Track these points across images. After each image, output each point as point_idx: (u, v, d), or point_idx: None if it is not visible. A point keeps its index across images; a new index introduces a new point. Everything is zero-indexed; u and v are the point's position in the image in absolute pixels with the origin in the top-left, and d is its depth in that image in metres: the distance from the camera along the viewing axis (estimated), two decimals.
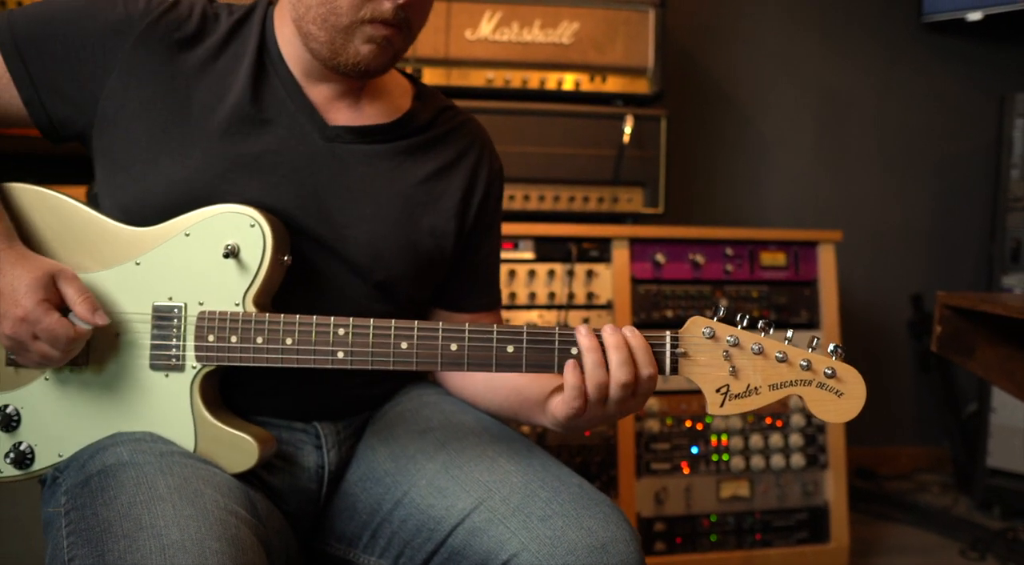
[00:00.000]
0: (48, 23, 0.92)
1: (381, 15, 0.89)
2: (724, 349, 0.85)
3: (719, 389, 0.85)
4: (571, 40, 2.07)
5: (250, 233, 0.89)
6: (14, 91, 0.92)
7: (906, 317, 2.86)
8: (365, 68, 0.92)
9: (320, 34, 0.91)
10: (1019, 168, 2.35)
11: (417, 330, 0.87)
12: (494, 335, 0.86)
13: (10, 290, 0.83)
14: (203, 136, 0.92)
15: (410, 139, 1.01)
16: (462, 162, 1.04)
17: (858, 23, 2.76)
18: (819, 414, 0.84)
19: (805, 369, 0.84)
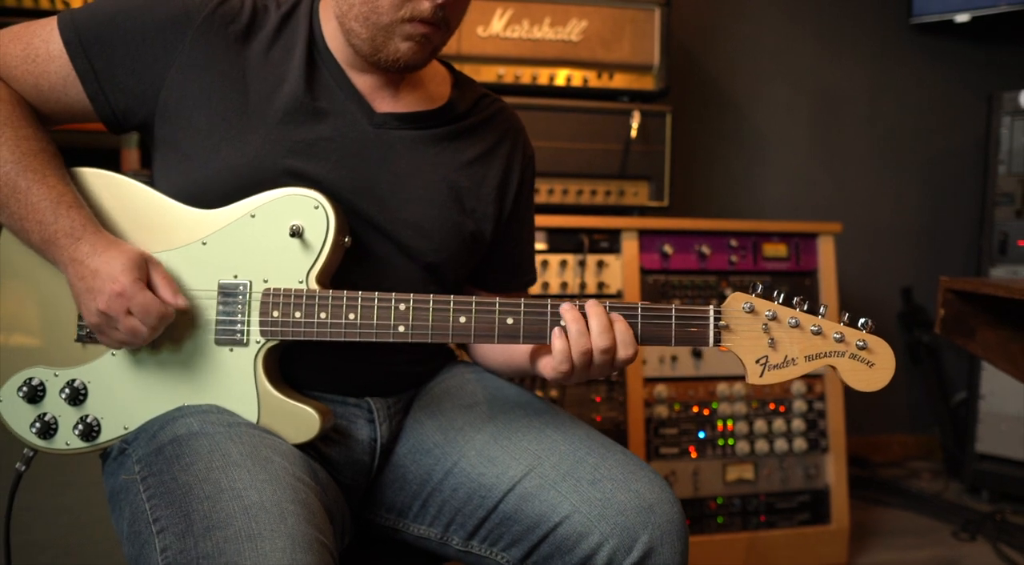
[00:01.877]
0: (111, 20, 0.96)
1: (420, 14, 0.93)
2: (763, 322, 0.90)
3: (758, 360, 0.90)
4: (580, 38, 2.12)
5: (314, 214, 0.94)
6: (80, 87, 0.96)
7: (897, 309, 2.95)
8: (405, 64, 0.97)
9: (362, 31, 0.95)
10: (1006, 164, 2.44)
11: (475, 305, 0.92)
12: (548, 310, 0.91)
13: (107, 268, 0.87)
14: (261, 124, 0.96)
15: (452, 125, 1.06)
16: (500, 149, 1.10)
17: (851, 23, 2.85)
18: (852, 383, 0.90)
19: (839, 341, 0.89)
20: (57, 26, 0.96)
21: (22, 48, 0.96)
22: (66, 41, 0.95)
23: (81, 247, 0.89)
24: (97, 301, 0.87)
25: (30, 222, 0.90)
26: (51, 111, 0.98)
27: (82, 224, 0.90)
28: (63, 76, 0.96)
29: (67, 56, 0.95)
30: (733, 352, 0.91)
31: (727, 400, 2.02)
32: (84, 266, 0.88)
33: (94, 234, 0.90)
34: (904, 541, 2.30)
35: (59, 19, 0.97)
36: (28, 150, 0.92)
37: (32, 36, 0.96)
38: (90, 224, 0.90)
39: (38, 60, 0.96)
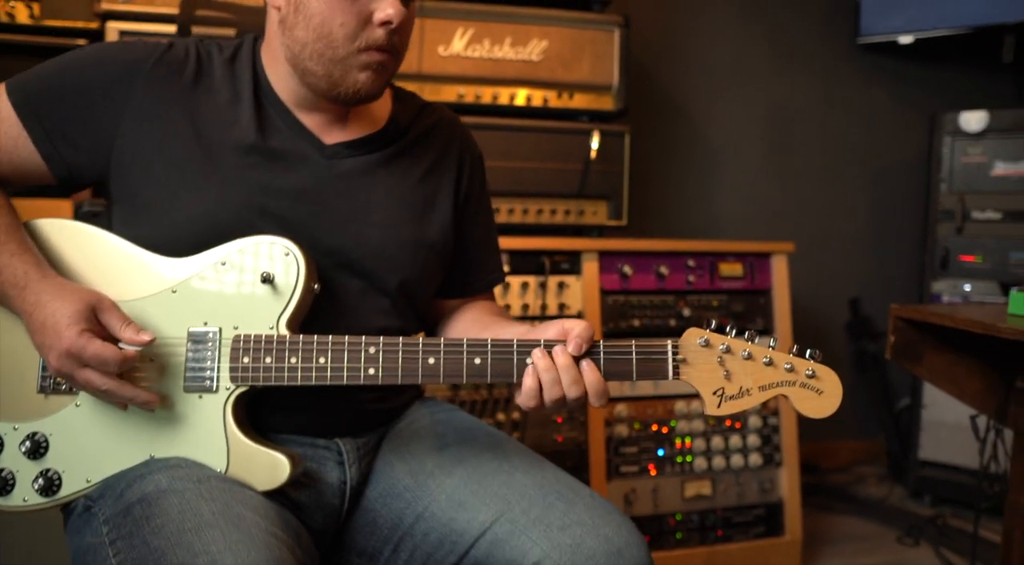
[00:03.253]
0: (58, 78, 0.96)
1: (375, 42, 0.94)
2: (718, 356, 0.93)
3: (715, 392, 0.93)
4: (540, 57, 2.14)
5: (285, 261, 0.93)
6: (32, 147, 0.96)
7: (844, 319, 3.05)
8: (365, 94, 0.98)
9: (318, 69, 0.96)
10: (947, 182, 2.55)
11: (443, 346, 0.92)
12: (514, 348, 0.92)
13: (52, 322, 0.85)
14: (217, 169, 0.96)
15: (398, 142, 1.07)
16: (448, 157, 1.11)
17: (801, 42, 2.93)
18: (803, 410, 0.93)
19: (789, 371, 0.93)
20: (5, 89, 0.96)
21: None
22: (14, 102, 0.95)
23: (27, 297, 0.87)
24: (50, 359, 0.86)
25: None
26: (6, 173, 0.98)
27: (24, 271, 0.88)
28: (14, 137, 0.96)
29: (16, 117, 0.95)
30: (691, 384, 0.94)
31: (685, 418, 2.06)
32: (32, 318, 0.87)
33: (38, 281, 0.88)
34: (852, 547, 2.39)
35: (6, 84, 0.97)
36: None
37: None
38: (33, 270, 0.89)
39: None
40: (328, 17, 0.93)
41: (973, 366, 1.50)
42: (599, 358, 0.92)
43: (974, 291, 2.53)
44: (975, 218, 2.51)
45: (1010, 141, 2.45)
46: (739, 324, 2.10)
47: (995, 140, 2.48)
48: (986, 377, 1.51)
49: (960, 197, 2.52)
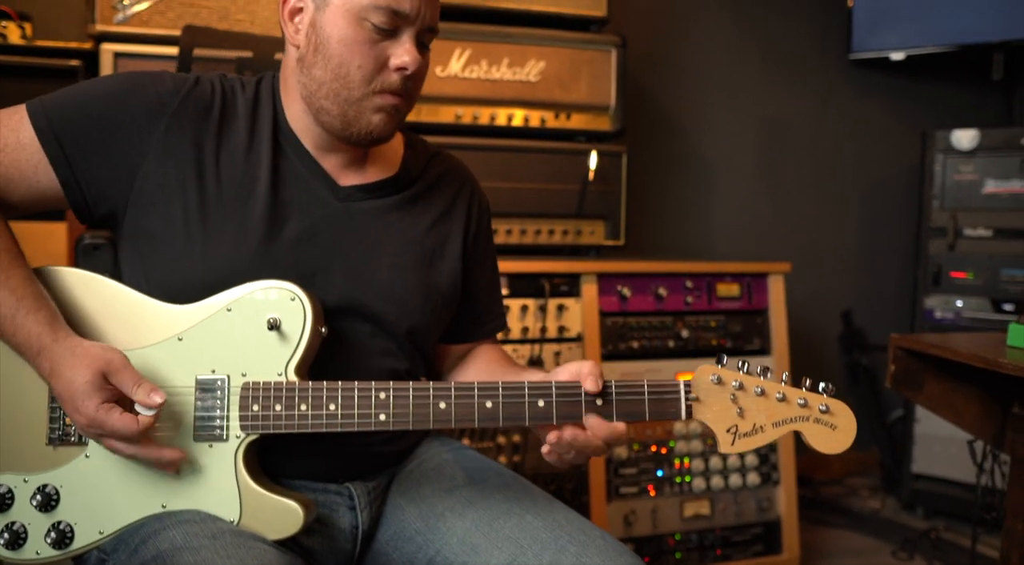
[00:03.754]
0: (83, 106, 0.95)
1: (390, 86, 0.96)
2: (731, 393, 0.93)
3: (729, 429, 0.93)
4: (537, 78, 2.14)
5: (291, 306, 0.93)
6: (52, 174, 0.94)
7: (837, 332, 3.07)
8: (377, 136, 0.99)
9: (333, 108, 0.96)
10: (939, 199, 2.57)
11: (455, 390, 0.92)
12: (526, 392, 0.92)
13: (69, 395, 0.85)
14: (236, 215, 0.96)
15: (411, 189, 1.08)
16: (457, 204, 1.12)
17: (794, 57, 2.95)
18: (817, 446, 0.93)
19: (802, 407, 0.93)
20: (27, 113, 0.94)
21: None
22: (37, 128, 0.93)
23: (42, 364, 0.87)
24: (77, 424, 0.87)
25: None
26: (20, 200, 0.95)
27: (37, 334, 0.87)
28: (34, 164, 0.94)
29: (39, 143, 0.93)
30: (705, 423, 0.94)
31: (683, 438, 2.07)
32: (52, 385, 0.88)
33: (51, 345, 0.87)
34: (847, 562, 2.40)
35: (28, 107, 0.95)
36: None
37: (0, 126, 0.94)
38: (46, 333, 0.87)
39: (7, 149, 0.93)
40: (347, 59, 0.94)
41: (971, 393, 1.52)
42: (611, 399, 0.92)
43: (966, 307, 2.55)
44: (967, 235, 2.53)
45: (1000, 159, 2.48)
46: (737, 345, 2.13)
47: (986, 158, 2.50)
48: (984, 404, 1.53)
49: (952, 214, 2.54)
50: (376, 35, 0.94)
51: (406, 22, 0.94)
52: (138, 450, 0.87)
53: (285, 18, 0.98)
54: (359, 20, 0.93)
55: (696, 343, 2.11)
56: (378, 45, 0.94)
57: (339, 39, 0.93)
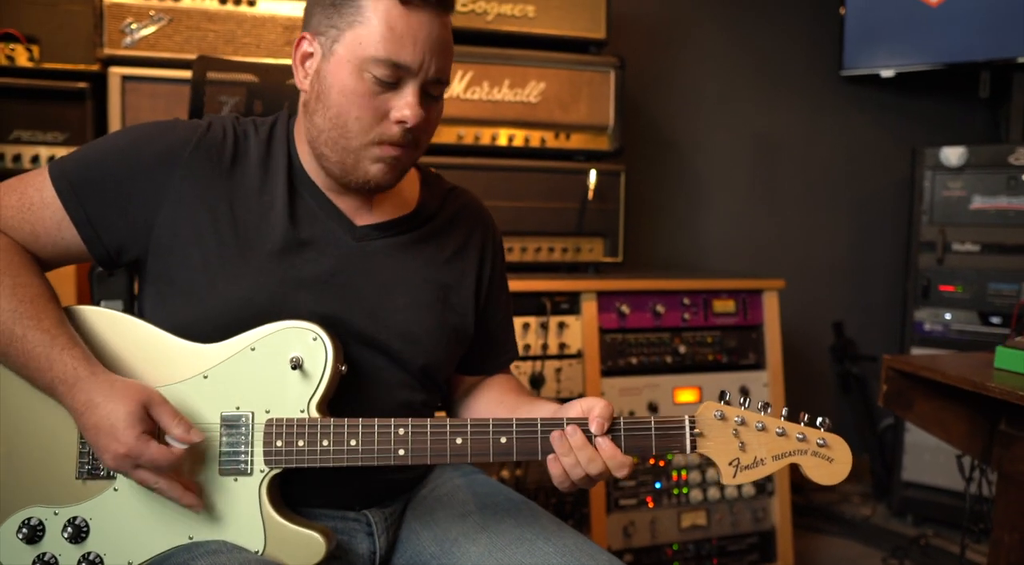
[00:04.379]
0: (99, 164, 0.99)
1: (390, 138, 0.97)
2: (733, 428, 0.98)
3: (731, 462, 0.98)
4: (538, 99, 2.19)
5: (313, 346, 0.97)
6: (74, 232, 0.98)
7: (828, 342, 3.13)
8: (375, 185, 1.01)
9: (331, 155, 0.99)
10: (928, 214, 2.63)
11: (470, 426, 0.96)
12: (538, 427, 0.97)
13: (108, 426, 0.88)
14: (254, 258, 1.00)
15: (426, 226, 1.10)
16: (472, 241, 1.15)
17: (787, 73, 3.01)
18: (815, 478, 0.98)
19: (801, 441, 0.97)
20: (48, 175, 0.98)
21: (17, 199, 0.98)
22: (58, 189, 0.97)
23: (77, 396, 0.90)
24: (105, 459, 0.89)
25: (30, 369, 0.91)
26: (49, 255, 1.00)
27: (73, 368, 0.90)
28: (57, 221, 0.98)
29: (60, 202, 0.97)
30: (708, 456, 0.99)
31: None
32: (84, 418, 0.89)
33: (88, 379, 0.90)
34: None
35: (50, 168, 0.99)
36: (25, 297, 0.93)
37: (26, 187, 0.99)
38: (82, 367, 0.91)
39: (33, 208, 0.98)
40: (345, 109, 0.95)
41: (959, 411, 1.57)
42: (620, 435, 0.97)
43: (954, 320, 2.61)
44: (955, 250, 2.59)
45: (987, 176, 2.54)
46: (732, 360, 2.19)
47: (973, 175, 2.56)
48: (972, 421, 1.58)
49: (941, 229, 2.60)
50: (377, 87, 0.94)
51: (408, 74, 0.95)
52: (165, 484, 0.90)
53: (297, 62, 1.00)
54: (360, 72, 0.94)
55: (693, 358, 2.16)
56: (379, 97, 0.95)
57: (339, 89, 0.95)
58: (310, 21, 0.99)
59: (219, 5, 1.93)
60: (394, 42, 0.93)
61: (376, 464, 0.96)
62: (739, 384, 2.18)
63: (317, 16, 0.98)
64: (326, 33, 0.96)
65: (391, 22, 0.93)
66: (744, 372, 2.20)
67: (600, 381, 2.05)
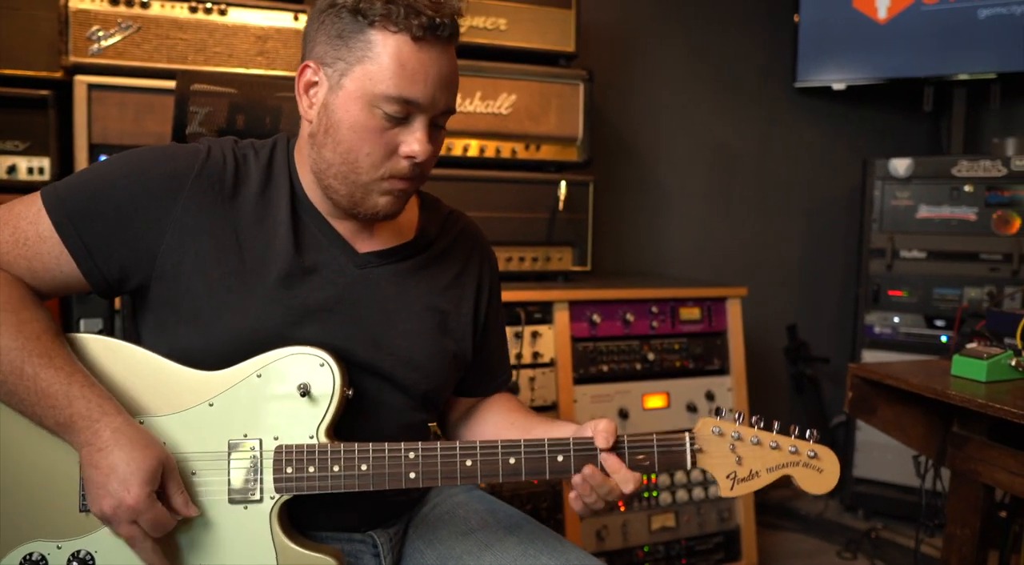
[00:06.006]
0: (99, 194, 0.96)
1: (399, 172, 0.98)
2: (730, 443, 1.03)
3: (728, 475, 1.03)
4: (509, 111, 2.21)
5: (320, 372, 0.98)
6: (74, 266, 0.96)
7: (783, 345, 3.25)
8: (384, 216, 1.02)
9: (340, 188, 0.99)
10: (878, 222, 2.76)
11: (480, 449, 0.99)
12: (546, 448, 1.00)
13: (124, 473, 0.87)
14: (260, 287, 0.99)
15: (426, 253, 1.12)
16: (470, 266, 1.16)
17: (743, 86, 3.10)
18: (806, 488, 1.03)
19: (793, 453, 1.03)
20: (43, 205, 0.95)
21: (11, 232, 0.95)
22: (55, 222, 0.94)
23: (101, 432, 0.88)
24: (103, 502, 0.87)
25: (42, 407, 0.89)
26: (48, 289, 0.98)
27: (99, 404, 0.89)
28: (55, 255, 0.95)
29: (58, 236, 0.95)
30: (708, 471, 1.03)
31: None
32: (101, 455, 0.88)
33: (114, 415, 0.89)
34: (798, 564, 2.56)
35: (43, 197, 0.96)
36: (31, 333, 0.91)
37: (19, 219, 0.95)
38: (107, 404, 0.90)
39: (29, 243, 0.95)
40: (355, 146, 0.95)
41: (917, 414, 1.67)
42: (624, 452, 1.00)
43: (902, 323, 2.75)
44: (903, 256, 2.73)
45: (933, 186, 2.68)
46: (698, 365, 2.26)
47: (920, 185, 2.70)
48: (928, 424, 1.68)
49: (890, 237, 2.73)
50: (387, 123, 0.94)
51: (419, 110, 0.95)
52: (150, 549, 0.89)
53: (300, 90, 0.99)
54: (371, 107, 0.93)
55: (661, 365, 2.22)
56: (388, 132, 0.95)
57: (350, 125, 0.94)
58: (313, 50, 0.98)
59: (189, 14, 1.90)
60: (406, 79, 0.93)
61: (387, 488, 0.97)
62: (705, 389, 2.25)
63: (322, 46, 0.97)
64: (333, 65, 0.96)
65: (402, 59, 0.93)
66: (709, 377, 2.27)
67: (573, 389, 2.09)
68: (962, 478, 1.64)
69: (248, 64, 1.96)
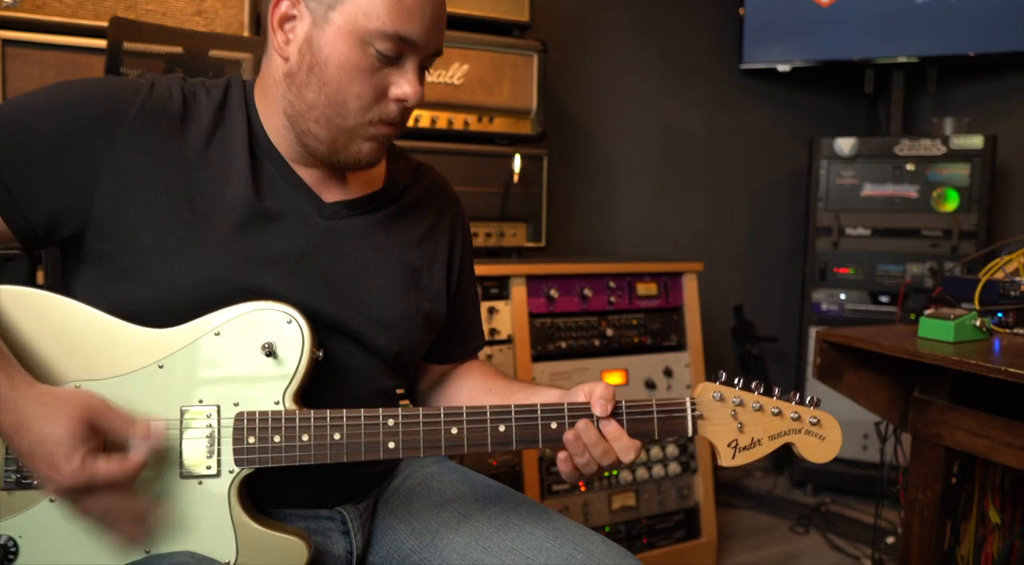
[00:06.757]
0: (22, 129, 0.84)
1: (387, 116, 0.91)
2: (731, 409, 0.97)
3: (730, 443, 0.97)
4: (461, 81, 2.13)
5: (287, 330, 0.88)
6: None
7: (730, 325, 3.27)
8: (365, 164, 0.94)
9: (321, 133, 0.91)
10: (824, 201, 2.79)
11: (466, 415, 0.91)
12: (538, 413, 0.92)
13: (44, 453, 0.75)
14: (214, 235, 0.89)
15: (396, 204, 1.04)
16: (442, 222, 1.09)
17: (690, 67, 3.10)
18: (808, 456, 0.98)
19: (795, 420, 0.98)
20: None
21: None
22: None
23: (2, 418, 0.76)
24: (48, 489, 0.77)
25: None
26: None
27: None
28: None
29: None
30: (709, 439, 0.98)
31: None
32: (15, 443, 0.76)
33: (10, 394, 0.76)
34: (754, 541, 2.57)
35: None
36: None
37: None
38: (2, 380, 0.77)
39: None
40: (345, 86, 0.88)
41: (881, 380, 1.67)
42: (622, 418, 0.94)
43: (848, 300, 2.79)
44: (848, 234, 2.77)
45: (876, 165, 2.73)
46: (656, 341, 2.23)
47: (863, 164, 2.74)
48: (891, 389, 1.69)
49: (836, 215, 2.77)
50: (379, 62, 0.88)
51: (412, 49, 0.89)
52: (133, 502, 0.78)
53: (274, 24, 0.90)
54: (363, 45, 0.86)
55: (620, 341, 2.18)
56: (379, 73, 0.88)
57: (339, 64, 0.87)
58: None
59: None
60: (403, 15, 0.86)
61: (363, 459, 0.88)
62: (663, 365, 2.23)
63: None
64: None
65: None
66: (667, 353, 2.25)
67: (531, 366, 2.03)
68: (924, 442, 1.65)
69: (185, 24, 1.82)
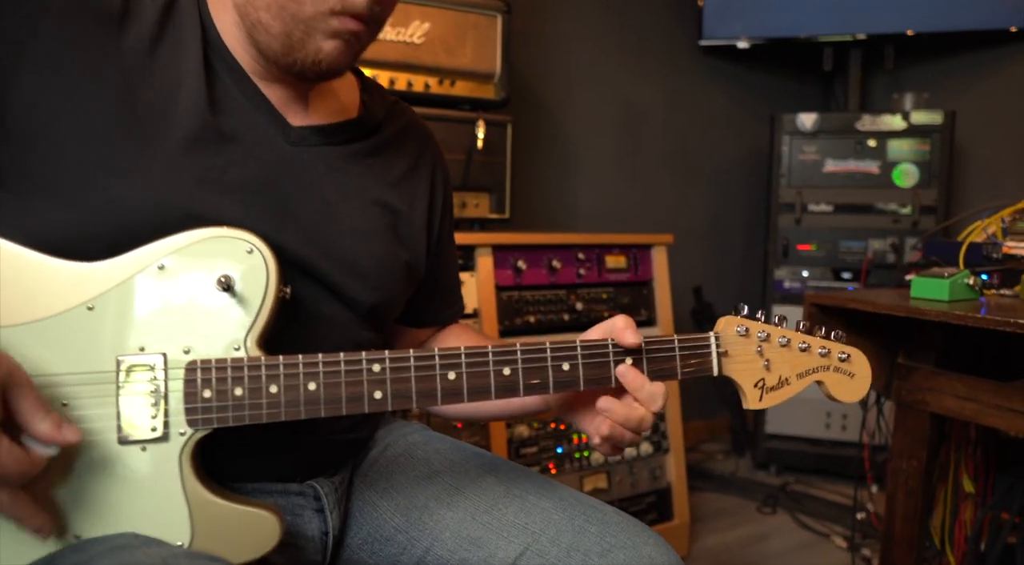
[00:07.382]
0: None
1: (353, 7, 0.76)
2: (757, 345, 0.86)
3: (756, 384, 0.86)
4: (421, 40, 1.99)
5: (248, 260, 0.73)
6: None
7: (690, 307, 3.21)
8: (327, 68, 0.79)
9: (274, 24, 0.76)
10: (786, 177, 2.75)
11: (465, 357, 0.77)
12: (548, 353, 0.80)
13: None
14: (158, 147, 0.73)
15: (372, 138, 0.90)
16: (423, 163, 0.96)
17: (649, 42, 3.02)
18: (837, 395, 0.88)
19: (824, 356, 0.88)
20: None
21: None
22: None
23: None
24: None
25: None
26: None
27: None
28: None
29: None
30: (732, 377, 0.87)
31: None
32: None
33: None
34: (723, 522, 2.51)
35: None
36: None
37: None
38: None
39: None
40: None
41: (867, 347, 1.59)
42: (641, 360, 0.82)
43: (811, 277, 2.76)
44: (811, 210, 2.74)
45: (838, 141, 2.70)
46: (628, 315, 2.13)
47: (826, 140, 2.71)
48: (876, 356, 1.62)
49: (798, 191, 2.73)
50: None
51: None
52: (7, 497, 0.62)
53: None
54: None
55: (589, 315, 2.07)
56: None
57: None
58: None
59: None
60: None
61: (344, 413, 0.74)
62: None
63: None
64: None
65: None
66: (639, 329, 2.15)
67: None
68: (908, 410, 1.59)
69: None
